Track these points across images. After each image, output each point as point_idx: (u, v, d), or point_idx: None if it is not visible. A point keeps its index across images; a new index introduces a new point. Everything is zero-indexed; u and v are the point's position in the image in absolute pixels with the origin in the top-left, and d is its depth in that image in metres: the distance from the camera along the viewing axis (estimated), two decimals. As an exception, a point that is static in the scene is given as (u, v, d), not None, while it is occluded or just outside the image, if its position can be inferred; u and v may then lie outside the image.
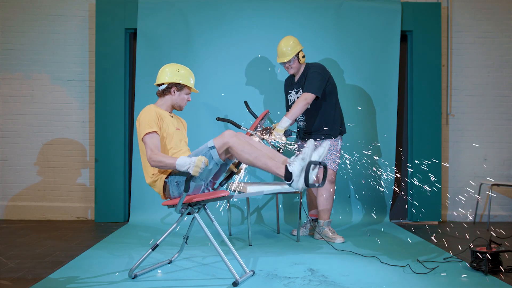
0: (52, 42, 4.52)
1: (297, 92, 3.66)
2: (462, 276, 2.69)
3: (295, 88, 3.69)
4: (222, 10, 4.39)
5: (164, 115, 2.75)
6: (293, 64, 3.61)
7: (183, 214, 2.65)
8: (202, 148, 2.57)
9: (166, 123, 2.73)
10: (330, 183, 3.60)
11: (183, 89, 2.81)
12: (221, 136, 2.55)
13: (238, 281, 2.46)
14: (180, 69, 2.80)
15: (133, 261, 2.92)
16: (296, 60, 3.61)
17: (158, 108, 2.78)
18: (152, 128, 2.61)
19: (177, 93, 2.80)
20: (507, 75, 4.63)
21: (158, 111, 2.72)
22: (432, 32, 4.44)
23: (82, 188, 4.52)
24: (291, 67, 3.63)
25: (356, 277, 2.64)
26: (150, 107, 2.73)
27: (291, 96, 3.74)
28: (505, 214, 4.61)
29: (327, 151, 2.72)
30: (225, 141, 2.51)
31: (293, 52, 3.56)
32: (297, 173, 2.37)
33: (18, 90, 4.52)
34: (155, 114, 2.67)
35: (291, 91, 3.74)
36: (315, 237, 3.68)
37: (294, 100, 3.68)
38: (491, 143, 4.63)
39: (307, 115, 3.66)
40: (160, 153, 2.56)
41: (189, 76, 2.83)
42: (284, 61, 3.60)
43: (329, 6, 4.41)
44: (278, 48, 3.61)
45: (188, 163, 2.41)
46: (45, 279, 2.56)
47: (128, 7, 4.36)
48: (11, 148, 4.52)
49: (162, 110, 2.79)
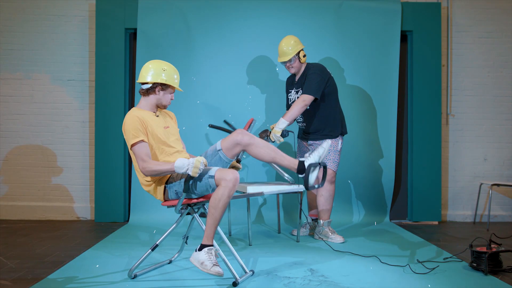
0: (52, 42, 4.52)
1: (297, 92, 3.65)
2: (462, 276, 2.69)
3: (295, 87, 3.69)
4: (222, 10, 4.39)
5: (148, 118, 2.61)
6: (294, 63, 3.60)
7: (183, 214, 2.65)
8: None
9: (152, 126, 2.59)
10: (330, 184, 3.60)
11: (167, 89, 2.68)
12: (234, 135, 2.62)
13: (238, 281, 2.46)
14: (164, 67, 2.66)
15: (133, 261, 2.92)
16: (297, 59, 3.59)
17: (141, 111, 2.65)
18: (138, 137, 2.51)
19: (161, 93, 2.67)
20: (507, 75, 4.63)
21: (141, 116, 2.57)
22: (432, 32, 4.44)
23: (82, 188, 4.52)
24: (292, 67, 3.62)
25: (356, 277, 2.64)
26: (132, 114, 2.58)
27: (291, 96, 3.73)
28: (505, 214, 4.61)
29: (327, 151, 2.73)
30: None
31: (294, 52, 3.55)
32: (200, 258, 2.43)
33: (18, 90, 4.52)
34: (138, 121, 2.53)
35: (291, 91, 3.73)
36: (315, 237, 3.68)
37: (293, 100, 3.67)
38: (491, 143, 4.63)
39: (306, 116, 3.65)
40: (152, 162, 2.49)
41: (174, 74, 2.69)
42: (285, 60, 3.59)
43: (329, 6, 4.41)
44: (279, 48, 3.61)
45: (186, 164, 2.40)
46: (45, 279, 2.56)
47: (128, 7, 4.36)
48: (11, 148, 4.52)
49: (146, 111, 2.65)
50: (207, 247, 2.44)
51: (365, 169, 4.39)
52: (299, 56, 3.58)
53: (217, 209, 2.41)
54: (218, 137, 4.21)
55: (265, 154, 2.63)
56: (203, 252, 2.43)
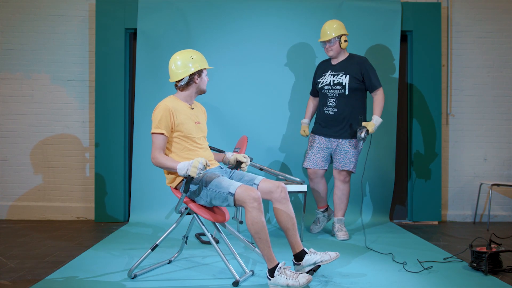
0: (52, 42, 4.52)
1: (334, 76, 3.66)
2: (462, 276, 2.69)
3: (332, 71, 3.70)
4: (222, 10, 4.39)
5: (181, 110, 2.66)
6: (334, 45, 3.63)
7: (183, 214, 2.65)
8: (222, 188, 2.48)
9: (182, 119, 2.63)
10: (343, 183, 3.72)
11: (202, 72, 2.76)
12: (280, 187, 2.57)
13: (238, 281, 2.46)
14: (191, 55, 2.71)
15: (133, 261, 2.92)
16: (337, 42, 3.63)
17: (176, 101, 2.69)
18: (159, 129, 2.57)
19: (199, 79, 2.74)
20: (507, 75, 4.63)
21: (173, 108, 2.62)
22: (432, 32, 4.44)
23: (82, 188, 4.52)
24: (331, 49, 3.65)
25: (356, 277, 2.65)
26: (165, 104, 2.62)
27: (324, 79, 3.72)
28: (505, 214, 4.61)
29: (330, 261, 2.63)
30: (253, 198, 2.40)
31: (336, 33, 3.60)
32: (280, 282, 2.36)
33: (18, 90, 4.52)
34: (167, 113, 2.58)
35: (324, 74, 3.73)
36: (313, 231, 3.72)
37: (328, 83, 3.68)
38: (491, 143, 4.63)
39: (341, 100, 3.64)
40: (162, 156, 2.55)
41: (201, 57, 2.76)
42: (325, 40, 3.63)
43: (329, 6, 4.41)
44: (322, 28, 3.68)
45: (187, 165, 2.42)
46: (45, 279, 2.56)
47: (128, 7, 4.36)
48: (11, 148, 4.52)
49: (182, 103, 2.71)
50: (275, 269, 2.39)
51: (366, 169, 4.38)
52: (341, 40, 3.63)
53: (258, 233, 2.38)
54: (219, 137, 4.22)
55: (283, 219, 2.56)
56: (277, 276, 2.37)
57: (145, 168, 4.29)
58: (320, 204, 3.89)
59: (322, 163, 3.71)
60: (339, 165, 3.67)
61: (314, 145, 3.75)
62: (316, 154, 3.71)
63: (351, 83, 3.61)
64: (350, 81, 3.61)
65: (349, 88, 3.61)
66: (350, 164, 3.65)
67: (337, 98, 3.63)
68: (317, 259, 2.52)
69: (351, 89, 3.61)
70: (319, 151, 3.71)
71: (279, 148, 4.37)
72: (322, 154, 3.71)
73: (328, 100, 3.67)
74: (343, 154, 3.65)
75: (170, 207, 4.24)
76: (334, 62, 3.72)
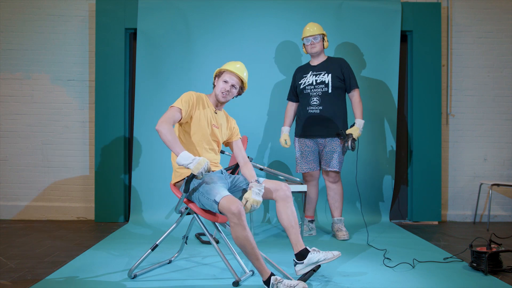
0: (52, 42, 4.52)
1: (316, 75, 3.70)
2: (462, 276, 2.69)
3: (314, 71, 3.73)
4: (222, 10, 4.39)
5: (204, 105, 2.70)
6: (318, 43, 3.69)
7: (183, 214, 2.65)
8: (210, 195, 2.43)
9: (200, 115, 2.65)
10: (333, 183, 3.72)
11: (221, 76, 2.74)
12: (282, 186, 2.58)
13: (238, 281, 2.46)
14: (237, 63, 2.76)
15: (133, 261, 2.92)
16: (321, 41, 3.71)
17: (205, 98, 2.74)
18: (179, 105, 2.57)
19: (216, 82, 2.76)
20: (507, 75, 4.63)
21: (200, 100, 2.67)
22: (432, 32, 4.44)
23: (82, 188, 4.52)
24: (315, 46, 3.69)
25: (356, 277, 2.65)
26: (195, 93, 2.69)
27: (306, 79, 3.75)
28: (505, 214, 4.61)
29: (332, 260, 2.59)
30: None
31: (319, 32, 3.68)
32: None
33: (18, 90, 4.52)
34: (193, 98, 2.63)
35: (305, 75, 3.76)
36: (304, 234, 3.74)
37: (311, 82, 3.71)
38: (491, 143, 4.63)
39: (325, 99, 3.66)
40: (171, 128, 2.44)
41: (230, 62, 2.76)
42: (312, 34, 3.66)
43: (329, 6, 4.41)
44: (307, 26, 3.72)
45: (191, 159, 2.35)
46: (45, 279, 2.56)
47: (128, 7, 4.36)
48: (11, 148, 4.52)
49: (209, 103, 2.75)
50: (270, 281, 2.32)
51: (365, 169, 4.39)
52: (324, 39, 3.72)
53: (243, 247, 2.32)
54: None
55: (286, 217, 2.56)
56: None
57: (145, 168, 4.30)
58: (309, 212, 3.87)
59: (315, 165, 3.75)
60: (325, 166, 3.70)
61: (303, 149, 3.77)
62: (308, 158, 3.74)
63: (333, 81, 3.66)
64: (333, 79, 3.66)
65: (332, 86, 3.65)
66: (337, 165, 3.68)
67: (321, 96, 3.66)
68: (321, 257, 2.52)
69: (334, 87, 3.66)
70: (309, 154, 3.74)
71: (279, 148, 4.38)
72: (312, 157, 3.74)
73: (311, 100, 3.69)
74: (329, 154, 3.67)
75: (170, 207, 4.25)
76: (314, 63, 3.77)
